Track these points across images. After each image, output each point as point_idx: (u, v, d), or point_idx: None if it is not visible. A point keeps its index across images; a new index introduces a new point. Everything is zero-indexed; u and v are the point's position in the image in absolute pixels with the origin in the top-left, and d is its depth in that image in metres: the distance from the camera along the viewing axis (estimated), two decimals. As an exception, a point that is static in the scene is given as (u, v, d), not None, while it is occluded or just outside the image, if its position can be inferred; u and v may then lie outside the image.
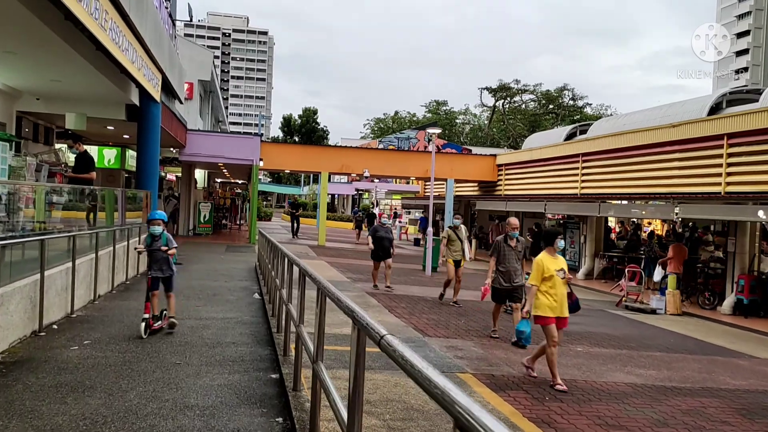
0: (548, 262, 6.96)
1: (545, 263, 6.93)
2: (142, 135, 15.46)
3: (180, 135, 21.12)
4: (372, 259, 13.85)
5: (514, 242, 9.43)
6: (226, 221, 33.03)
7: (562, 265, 7.08)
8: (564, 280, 6.97)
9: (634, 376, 7.67)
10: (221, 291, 11.01)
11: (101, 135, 20.75)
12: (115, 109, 15.29)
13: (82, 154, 9.80)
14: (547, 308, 6.87)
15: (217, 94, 35.78)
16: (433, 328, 9.64)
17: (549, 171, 22.80)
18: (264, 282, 11.39)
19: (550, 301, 6.87)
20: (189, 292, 10.55)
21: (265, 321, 8.21)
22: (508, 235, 9.50)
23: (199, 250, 19.89)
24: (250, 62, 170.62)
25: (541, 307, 6.90)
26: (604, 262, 20.09)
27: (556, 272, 6.90)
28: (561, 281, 6.93)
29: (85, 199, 9.77)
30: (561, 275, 6.94)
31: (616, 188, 18.65)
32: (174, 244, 7.62)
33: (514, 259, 9.32)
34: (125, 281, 11.28)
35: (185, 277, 12.80)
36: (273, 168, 26.70)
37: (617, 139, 18.58)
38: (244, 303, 9.85)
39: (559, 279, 6.91)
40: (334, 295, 3.19)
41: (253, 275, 14.12)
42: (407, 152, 30.12)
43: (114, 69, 11.24)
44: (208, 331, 7.29)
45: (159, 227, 7.59)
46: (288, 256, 5.83)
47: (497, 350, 8.44)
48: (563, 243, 7.18)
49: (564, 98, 65.12)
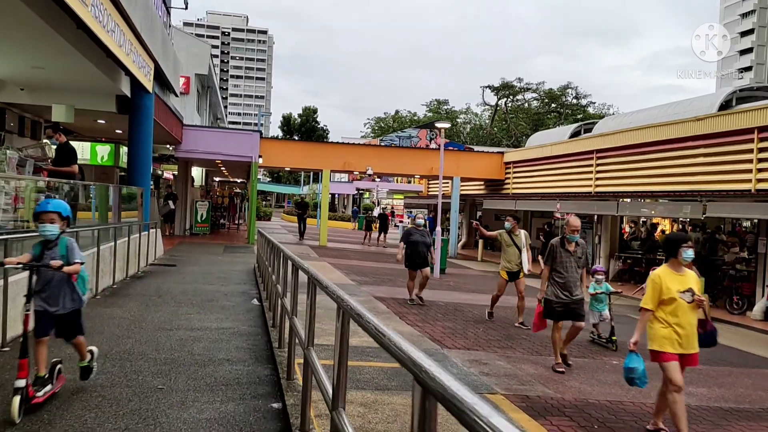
0: (669, 280, 5.25)
1: (664, 281, 5.25)
2: (133, 128, 14.53)
3: (176, 130, 20.19)
4: (407, 267, 11.83)
5: (573, 246, 7.66)
6: (224, 221, 32.05)
7: (690, 284, 5.29)
8: (693, 304, 5.23)
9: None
10: (217, 296, 10.08)
11: (93, 130, 19.81)
12: (105, 100, 14.35)
13: (63, 145, 8.87)
14: (665, 341, 5.20)
15: (215, 90, 34.82)
16: (451, 338, 8.71)
17: (561, 168, 21.89)
18: (263, 286, 10.45)
19: (670, 332, 5.19)
20: (181, 298, 9.61)
21: (264, 332, 7.27)
22: (565, 238, 7.69)
23: (196, 250, 18.96)
24: (249, 61, 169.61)
25: (657, 340, 5.24)
26: (621, 263, 19.16)
27: (679, 294, 5.19)
28: (688, 306, 5.20)
29: (64, 196, 8.83)
30: (688, 298, 5.20)
31: (634, 186, 17.74)
32: (78, 258, 4.50)
33: (573, 267, 7.57)
34: (112, 285, 10.34)
35: (178, 280, 11.86)
36: (273, 165, 25.75)
37: (635, 135, 17.65)
38: (242, 310, 8.91)
39: (685, 303, 5.19)
40: (370, 324, 2.23)
41: (251, 278, 13.19)
42: (412, 149, 29.21)
43: (99, 53, 10.31)
44: (200, 345, 6.34)
45: (53, 227, 4.41)
46: (293, 259, 4.91)
47: (526, 365, 7.51)
48: (692, 253, 5.35)
49: (567, 97, 64.31)
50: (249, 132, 23.22)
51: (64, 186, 8.79)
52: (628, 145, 17.98)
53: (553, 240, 7.87)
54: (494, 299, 10.77)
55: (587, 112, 61.24)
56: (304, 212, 28.35)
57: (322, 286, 3.42)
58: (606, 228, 19.60)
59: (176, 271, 13.53)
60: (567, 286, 7.51)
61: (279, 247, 7.10)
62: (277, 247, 7.29)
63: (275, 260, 7.91)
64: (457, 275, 18.40)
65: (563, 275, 7.52)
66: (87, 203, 11.23)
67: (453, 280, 16.72)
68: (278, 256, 7.04)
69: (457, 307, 11.80)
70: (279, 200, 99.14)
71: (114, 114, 14.75)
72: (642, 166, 17.46)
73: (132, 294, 9.80)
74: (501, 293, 10.69)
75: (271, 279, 7.98)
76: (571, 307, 7.52)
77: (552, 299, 7.55)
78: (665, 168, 16.28)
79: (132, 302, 9.00)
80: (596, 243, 20.10)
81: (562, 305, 7.49)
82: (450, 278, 17.27)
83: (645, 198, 17.89)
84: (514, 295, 10.69)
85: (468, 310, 11.55)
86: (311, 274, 3.75)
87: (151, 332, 6.91)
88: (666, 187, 16.27)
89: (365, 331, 2.37)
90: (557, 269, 7.56)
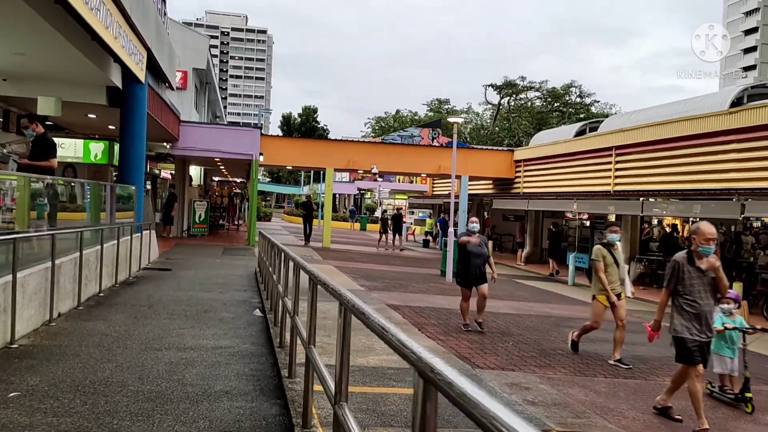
0: None
1: None
2: (126, 122, 13.48)
3: (172, 126, 19.15)
4: (459, 285, 9.67)
5: (705, 263, 5.64)
6: (223, 221, 30.97)
7: None
8: None
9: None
10: (214, 306, 9.03)
11: (85, 126, 18.79)
12: (95, 92, 13.31)
13: (40, 136, 7.83)
14: None
15: (214, 87, 33.74)
16: (480, 355, 7.68)
17: (576, 166, 20.87)
18: (266, 294, 9.41)
19: None
20: (175, 308, 8.56)
21: (269, 352, 6.22)
22: (694, 252, 5.67)
23: (193, 253, 17.91)
24: (249, 61, 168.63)
25: None
26: (642, 266, 18.12)
27: None
28: None
29: (42, 192, 7.79)
30: None
31: (657, 184, 16.72)
32: None
33: (704, 291, 5.63)
34: (98, 293, 9.30)
35: (172, 286, 10.81)
36: (274, 164, 24.69)
37: (659, 129, 16.63)
38: (243, 323, 7.87)
39: None
40: (466, 392, 1.23)
41: (252, 283, 12.15)
42: (418, 147, 28.17)
43: (84, 35, 9.28)
44: (193, 372, 5.30)
45: None
46: (310, 272, 3.86)
47: (573, 389, 6.47)
48: None
49: (571, 96, 63.38)
50: (249, 129, 22.18)
51: (43, 182, 7.74)
52: (651, 140, 16.96)
53: (677, 255, 5.83)
54: (586, 329, 8.41)
55: (590, 111, 60.33)
56: (310, 213, 25.58)
57: (357, 312, 2.40)
58: (626, 229, 18.55)
59: (171, 276, 12.49)
60: (702, 318, 5.60)
61: (290, 254, 6.07)
62: (287, 255, 6.26)
63: (279, 263, 6.89)
64: (469, 279, 17.35)
65: (696, 304, 5.59)
66: (72, 202, 10.19)
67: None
68: (285, 264, 6.02)
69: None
70: (279, 201, 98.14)
71: (105, 107, 13.72)
72: (666, 162, 16.44)
73: (120, 303, 8.76)
74: (598, 324, 8.25)
75: (276, 289, 6.93)
76: (706, 347, 5.72)
77: (686, 337, 5.59)
78: (694, 165, 15.27)
79: (118, 314, 7.95)
80: (615, 244, 19.02)
81: (698, 346, 5.57)
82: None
83: (670, 197, 16.84)
84: (504, 300, 9.63)
85: (491, 319, 10.50)
86: (351, 303, 2.67)
87: (137, 353, 5.87)
88: (694, 185, 15.25)
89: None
90: (685, 295, 5.64)
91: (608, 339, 9.52)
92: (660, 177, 16.71)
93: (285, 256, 6.01)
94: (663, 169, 16.63)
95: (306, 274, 4.13)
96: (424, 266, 20.48)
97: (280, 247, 6.72)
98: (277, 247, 7.38)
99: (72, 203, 10.18)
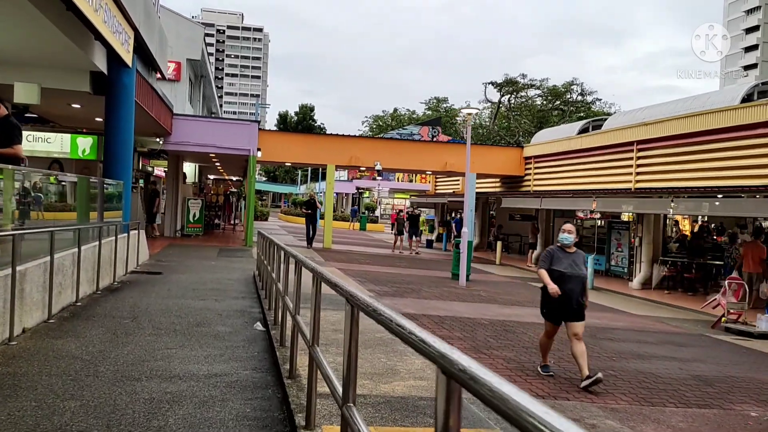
0: None
1: None
2: (111, 110, 12.28)
3: (164, 119, 17.91)
4: (544, 317, 6.88)
5: None
6: (218, 221, 29.69)
7: None
8: None
9: None
10: (209, 318, 7.83)
11: (70, 118, 17.56)
12: (77, 77, 12.08)
13: (3, 119, 6.62)
14: None
15: (209, 81, 32.42)
16: (522, 378, 6.51)
17: (593, 162, 19.74)
18: (268, 303, 8.22)
19: None
20: (162, 321, 7.36)
21: (276, 382, 5.03)
22: None
23: (186, 254, 16.70)
24: (245, 59, 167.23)
25: None
26: (665, 269, 16.97)
27: None
28: None
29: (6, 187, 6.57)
30: None
31: (685, 180, 15.59)
32: None
33: None
34: (75, 302, 8.10)
35: (162, 293, 9.60)
36: (272, 161, 23.42)
37: (687, 122, 15.50)
38: (242, 340, 6.67)
39: None
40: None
41: (251, 289, 10.96)
42: (424, 143, 26.99)
43: (59, 6, 8.08)
44: (178, 414, 4.09)
45: None
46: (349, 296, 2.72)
47: (647, 425, 5.31)
48: None
49: (572, 94, 62.47)
50: (247, 122, 20.92)
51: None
52: (678, 134, 15.84)
53: None
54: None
55: (591, 109, 59.40)
56: (313, 212, 22.50)
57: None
58: (648, 229, 17.41)
59: (161, 280, 11.28)
60: None
61: (312, 266, 4.90)
62: (306, 266, 5.09)
63: (291, 275, 5.72)
64: (481, 282, 16.18)
65: None
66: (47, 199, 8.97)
67: (482, 289, 14.51)
68: (298, 273, 4.85)
69: (506, 327, 9.58)
70: (275, 200, 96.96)
71: (89, 96, 12.50)
72: (696, 158, 15.34)
73: (99, 315, 7.56)
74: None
75: (284, 303, 5.74)
76: None
77: None
78: (727, 160, 14.15)
79: (95, 328, 6.75)
80: (636, 246, 17.90)
81: None
82: (477, 286, 15.06)
83: (698, 195, 15.70)
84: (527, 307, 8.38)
85: (520, 330, 9.34)
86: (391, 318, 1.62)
87: (110, 385, 4.67)
88: (728, 181, 14.12)
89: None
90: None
91: (656, 355, 8.39)
92: (685, 173, 15.61)
93: (298, 264, 4.84)
94: (689, 165, 15.53)
95: (329, 288, 2.99)
96: (432, 268, 19.31)
97: (293, 254, 5.52)
98: (284, 251, 6.19)
99: (47, 200, 8.96)
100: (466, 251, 15.21)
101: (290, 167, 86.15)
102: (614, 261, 19.64)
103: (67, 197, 9.58)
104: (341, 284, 2.93)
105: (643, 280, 17.27)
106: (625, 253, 19.04)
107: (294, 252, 5.50)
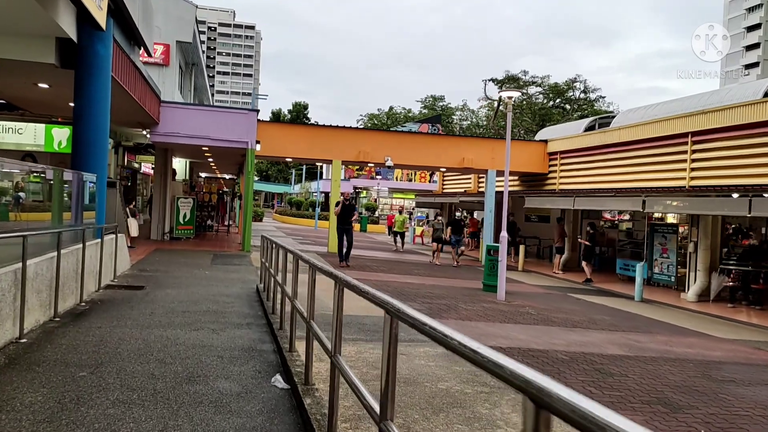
0: None
1: None
2: (82, 87, 9.93)
3: (150, 105, 15.55)
4: None
5: None
6: (211, 222, 27.31)
7: None
8: None
9: None
10: (205, 364, 5.52)
11: (41, 103, 15.17)
12: (40, 45, 9.72)
13: None
14: None
15: (201, 70, 30.00)
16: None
17: (634, 157, 17.58)
18: (288, 339, 5.90)
19: None
20: (137, 371, 5.06)
21: None
22: None
23: (175, 261, 14.35)
24: (236, 57, 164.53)
25: None
26: (728, 278, 14.78)
27: None
28: None
29: None
30: None
31: (757, 177, 13.44)
32: None
33: None
34: (17, 338, 5.79)
35: (141, 319, 7.27)
36: (272, 155, 21.06)
37: (760, 108, 13.35)
38: (257, 410, 4.37)
39: None
40: None
41: (256, 310, 8.66)
42: (440, 136, 24.81)
43: None
44: None
45: None
46: None
47: None
48: None
49: (574, 92, 60.79)
50: (244, 111, 18.55)
51: None
52: (747, 123, 13.70)
53: None
54: None
55: (593, 107, 57.68)
56: (350, 215, 16.80)
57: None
58: (705, 233, 15.22)
59: (142, 298, 8.95)
60: None
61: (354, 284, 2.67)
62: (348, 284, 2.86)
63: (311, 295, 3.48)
64: (517, 294, 13.87)
65: None
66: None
67: (527, 305, 12.23)
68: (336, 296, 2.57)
69: (593, 364, 7.30)
70: (267, 200, 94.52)
71: (57, 70, 10.18)
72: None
73: (47, 361, 5.24)
74: None
75: (324, 344, 3.48)
76: None
77: None
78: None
79: (34, 391, 4.44)
80: (690, 252, 15.71)
81: None
82: (517, 300, 12.78)
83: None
84: (591, 329, 6.17)
85: (615, 371, 7.06)
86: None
87: None
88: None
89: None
90: None
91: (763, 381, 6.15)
92: (757, 168, 13.48)
93: (340, 286, 2.60)
94: (761, 159, 13.41)
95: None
96: (456, 276, 17.04)
97: (345, 280, 3.26)
98: (326, 273, 3.93)
99: None
100: (504, 260, 12.94)
101: (285, 165, 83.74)
102: (658, 268, 17.45)
103: (50, 196, 7.24)
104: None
105: (700, 291, 15.08)
106: (672, 260, 16.86)
107: (350, 280, 3.25)
